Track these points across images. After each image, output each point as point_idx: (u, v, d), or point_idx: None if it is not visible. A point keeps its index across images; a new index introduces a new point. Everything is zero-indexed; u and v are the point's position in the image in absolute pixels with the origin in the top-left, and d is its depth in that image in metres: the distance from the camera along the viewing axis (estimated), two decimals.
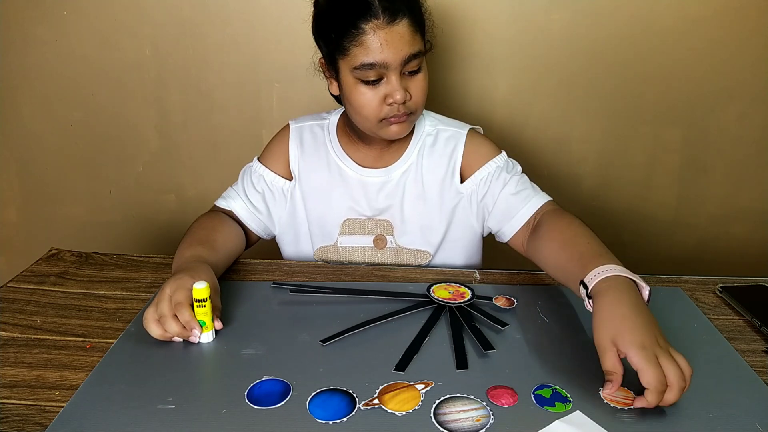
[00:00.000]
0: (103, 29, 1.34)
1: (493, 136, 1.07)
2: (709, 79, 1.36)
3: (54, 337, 0.73)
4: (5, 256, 1.57)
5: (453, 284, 0.87)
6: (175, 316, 0.70)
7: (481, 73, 1.36)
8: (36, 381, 0.65)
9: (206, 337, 0.72)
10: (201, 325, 0.71)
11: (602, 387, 0.64)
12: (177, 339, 0.72)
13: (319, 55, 0.91)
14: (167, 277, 0.87)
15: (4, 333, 0.74)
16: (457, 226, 0.99)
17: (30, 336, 0.73)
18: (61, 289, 0.85)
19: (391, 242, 0.99)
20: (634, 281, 0.69)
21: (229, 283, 0.87)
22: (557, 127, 1.42)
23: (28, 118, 1.43)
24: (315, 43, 0.90)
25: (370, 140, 0.95)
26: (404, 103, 0.84)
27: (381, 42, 0.80)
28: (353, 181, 0.97)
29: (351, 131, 0.97)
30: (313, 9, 0.89)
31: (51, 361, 0.68)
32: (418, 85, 0.86)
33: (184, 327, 0.70)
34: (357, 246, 0.99)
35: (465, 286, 0.87)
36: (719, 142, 1.43)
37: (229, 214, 0.98)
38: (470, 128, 0.99)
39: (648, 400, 0.60)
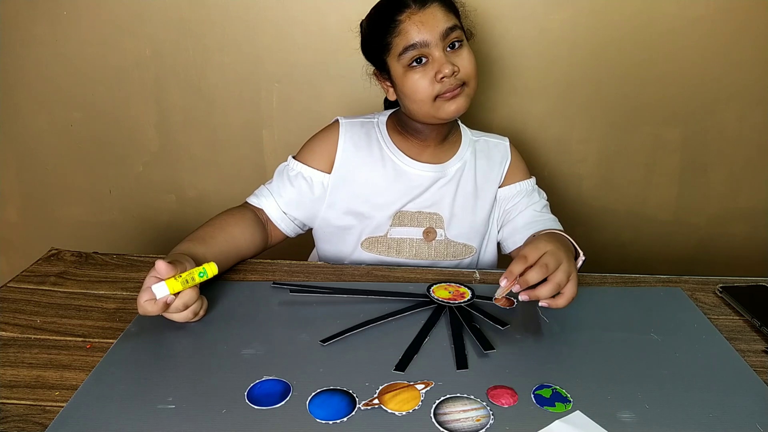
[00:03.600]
0: (103, 29, 1.34)
1: None
2: (709, 79, 1.36)
3: (54, 337, 0.73)
4: (5, 256, 1.57)
5: (453, 284, 0.87)
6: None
7: (481, 73, 1.36)
8: (36, 381, 0.65)
9: (162, 290, 0.71)
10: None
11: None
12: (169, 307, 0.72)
13: (371, 69, 0.98)
14: None
15: (4, 333, 0.74)
16: (493, 224, 1.05)
17: (30, 336, 0.73)
18: (61, 289, 0.85)
19: (441, 235, 1.01)
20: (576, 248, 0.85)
21: (229, 283, 0.87)
22: (557, 127, 1.42)
23: (28, 118, 1.43)
24: (366, 61, 0.98)
25: (424, 137, 0.98)
26: (454, 75, 0.88)
27: (416, 24, 0.87)
28: (408, 176, 0.99)
29: (403, 129, 1.00)
30: (360, 35, 0.98)
31: (51, 361, 0.68)
32: (463, 57, 0.90)
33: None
34: (406, 237, 1.01)
35: (465, 286, 0.87)
36: (719, 143, 1.43)
37: (259, 213, 0.99)
38: (508, 139, 1.08)
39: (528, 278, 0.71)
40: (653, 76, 1.36)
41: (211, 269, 0.74)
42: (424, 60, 0.88)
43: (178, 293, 0.72)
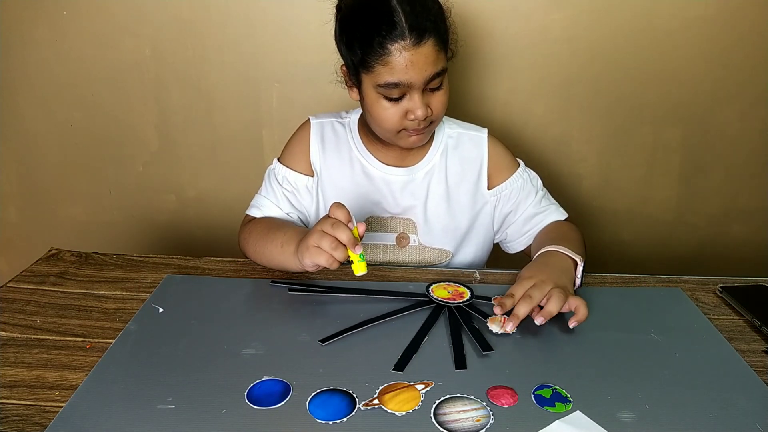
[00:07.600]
0: (103, 29, 1.34)
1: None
2: (709, 79, 1.36)
3: (54, 337, 0.73)
4: (5, 256, 1.57)
5: (452, 284, 0.87)
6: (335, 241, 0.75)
7: (481, 72, 1.36)
8: (36, 381, 0.65)
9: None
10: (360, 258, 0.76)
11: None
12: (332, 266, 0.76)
13: (341, 62, 0.90)
14: (166, 278, 0.87)
15: (4, 333, 0.74)
16: (478, 227, 1.01)
17: (30, 336, 0.73)
18: (60, 289, 0.85)
19: (414, 241, 0.99)
20: (575, 260, 0.84)
21: (228, 282, 0.87)
22: (557, 127, 1.42)
23: (28, 118, 1.43)
24: (337, 49, 0.89)
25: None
26: (425, 118, 0.85)
27: (406, 63, 0.80)
28: (377, 179, 0.98)
29: (370, 131, 0.97)
30: (335, 13, 0.88)
31: (51, 361, 0.68)
32: (439, 100, 0.87)
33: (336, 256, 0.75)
34: (379, 243, 0.99)
35: (464, 285, 0.87)
36: (719, 142, 1.42)
37: None
38: (486, 131, 1.02)
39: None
40: (653, 76, 1.36)
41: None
42: (400, 96, 0.84)
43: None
